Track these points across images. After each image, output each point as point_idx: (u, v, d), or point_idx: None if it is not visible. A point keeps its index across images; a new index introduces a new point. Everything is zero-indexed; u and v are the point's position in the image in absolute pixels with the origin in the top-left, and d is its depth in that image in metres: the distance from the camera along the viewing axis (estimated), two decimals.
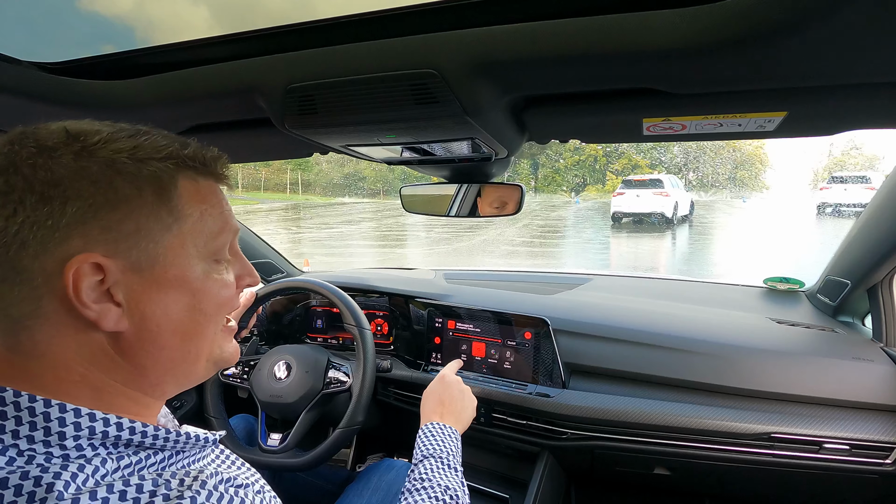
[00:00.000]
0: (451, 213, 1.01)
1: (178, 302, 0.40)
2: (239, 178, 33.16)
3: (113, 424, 0.36)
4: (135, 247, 0.37)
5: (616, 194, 14.50)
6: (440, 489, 0.71)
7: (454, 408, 0.91)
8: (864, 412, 0.97)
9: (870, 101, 0.52)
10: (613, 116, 0.61)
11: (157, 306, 0.39)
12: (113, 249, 0.37)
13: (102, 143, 0.37)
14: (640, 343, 1.13)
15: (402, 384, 1.31)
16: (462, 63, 0.48)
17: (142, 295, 0.38)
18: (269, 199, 29.52)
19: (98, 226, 0.36)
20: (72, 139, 0.36)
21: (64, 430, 0.34)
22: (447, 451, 0.78)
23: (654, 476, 1.16)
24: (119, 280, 0.37)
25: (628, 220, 13.85)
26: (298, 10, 23.11)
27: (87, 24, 41.95)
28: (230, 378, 1.18)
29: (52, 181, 0.35)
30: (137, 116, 0.68)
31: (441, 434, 0.82)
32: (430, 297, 1.37)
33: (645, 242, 11.07)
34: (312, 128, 0.61)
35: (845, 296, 1.14)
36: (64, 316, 0.36)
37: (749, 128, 0.61)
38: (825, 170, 32.36)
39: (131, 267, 0.38)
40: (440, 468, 0.75)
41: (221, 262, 0.45)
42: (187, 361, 0.43)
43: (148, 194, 0.38)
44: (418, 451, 0.79)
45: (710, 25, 0.40)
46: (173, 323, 0.40)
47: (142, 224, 0.38)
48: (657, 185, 13.68)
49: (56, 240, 0.35)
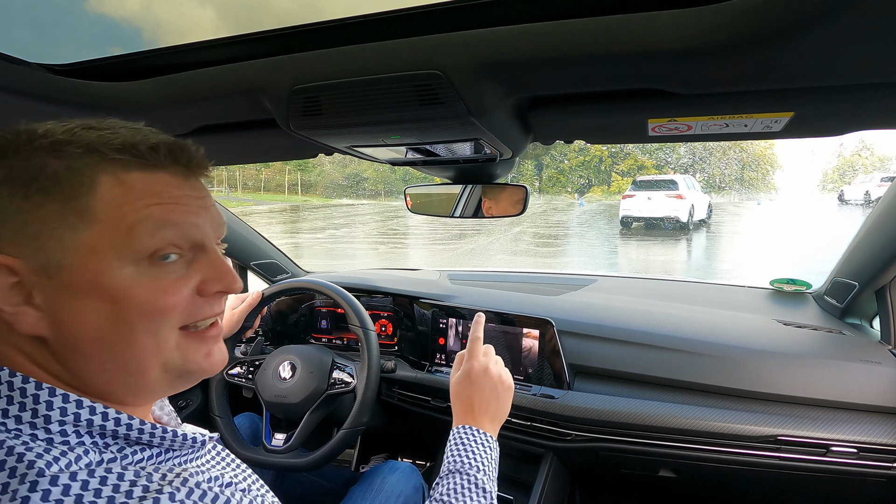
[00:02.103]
0: (455, 213, 1.01)
1: (95, 311, 0.37)
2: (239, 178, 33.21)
3: (99, 413, 0.36)
4: (41, 249, 0.35)
5: (625, 196, 13.11)
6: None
7: (488, 407, 0.77)
8: (872, 415, 0.96)
9: (877, 102, 0.51)
10: (618, 117, 0.61)
11: (71, 314, 0.36)
12: (21, 251, 0.35)
13: (27, 141, 0.35)
14: (646, 344, 1.13)
15: (406, 385, 1.31)
16: (466, 64, 0.49)
17: (56, 301, 0.36)
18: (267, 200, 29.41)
19: (6, 227, 0.35)
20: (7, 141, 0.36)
21: (50, 413, 0.34)
22: (477, 464, 0.69)
23: (660, 478, 1.15)
24: (35, 283, 0.35)
25: (639, 224, 12.57)
26: (304, 12, 23.13)
27: (95, 26, 41.90)
28: (235, 378, 1.19)
29: None
30: (145, 117, 0.68)
31: (473, 442, 0.72)
32: (435, 297, 1.37)
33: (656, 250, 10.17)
34: (317, 129, 0.62)
35: (853, 297, 1.13)
36: None
37: (755, 128, 0.60)
38: (835, 171, 32.00)
39: (41, 270, 0.35)
40: (466, 488, 0.66)
41: (167, 263, 0.39)
42: (129, 374, 0.39)
43: (55, 194, 0.36)
44: (446, 463, 0.70)
45: (716, 25, 0.40)
46: (91, 333, 0.37)
47: (47, 224, 0.35)
48: (671, 186, 12.36)
49: None
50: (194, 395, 1.50)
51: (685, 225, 12.00)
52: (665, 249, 10.41)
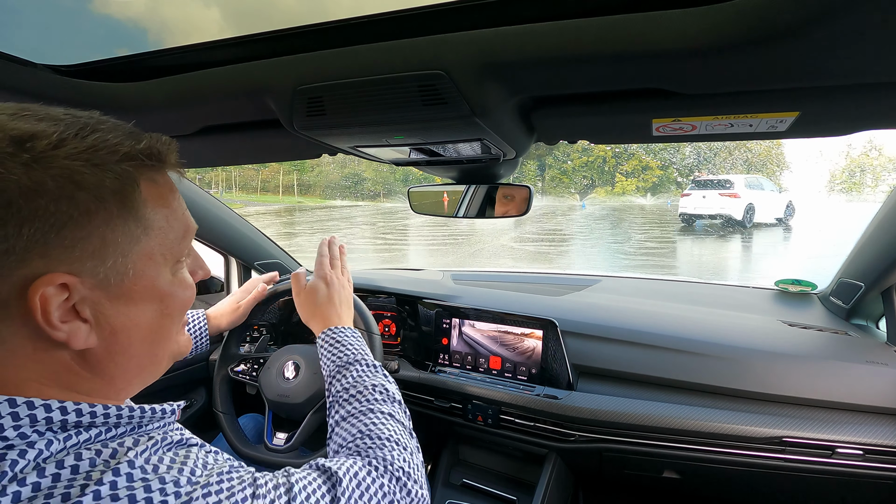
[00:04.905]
0: (458, 213, 1.01)
1: (147, 311, 0.39)
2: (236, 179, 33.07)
3: (56, 409, 0.34)
4: (101, 264, 0.35)
5: (683, 195, 13.89)
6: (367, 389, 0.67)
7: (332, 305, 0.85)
8: (877, 416, 0.95)
9: (884, 101, 0.51)
10: (622, 117, 0.60)
11: (127, 318, 0.38)
12: (78, 268, 0.34)
13: (52, 147, 0.33)
14: (649, 345, 1.12)
15: (409, 385, 1.31)
16: (470, 64, 0.49)
17: (111, 310, 0.37)
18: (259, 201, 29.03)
19: (60, 245, 0.33)
20: (17, 146, 0.32)
21: (1, 421, 0.32)
22: (353, 352, 0.74)
23: (664, 479, 1.15)
24: (86, 297, 0.35)
25: (698, 221, 13.10)
26: (307, 12, 23.01)
27: (100, 27, 42.00)
28: (239, 375, 1.19)
29: (3, 202, 0.31)
30: (150, 118, 0.69)
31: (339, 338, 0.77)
32: (438, 297, 1.37)
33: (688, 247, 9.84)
34: (321, 129, 0.62)
35: (859, 298, 1.12)
36: (23, 339, 0.34)
37: (760, 128, 0.60)
38: (843, 171, 31.66)
39: (99, 284, 0.35)
40: (360, 373, 0.70)
41: (182, 262, 0.44)
42: (154, 363, 0.43)
43: (111, 205, 0.35)
44: (332, 361, 0.73)
45: (720, 25, 0.40)
46: (143, 331, 0.40)
47: (108, 238, 0.35)
48: (725, 185, 12.87)
49: (12, 263, 0.32)
50: (199, 394, 1.51)
51: (740, 223, 12.26)
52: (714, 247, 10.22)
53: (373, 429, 0.60)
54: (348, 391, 0.67)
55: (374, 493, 0.50)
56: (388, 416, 0.63)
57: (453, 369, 1.31)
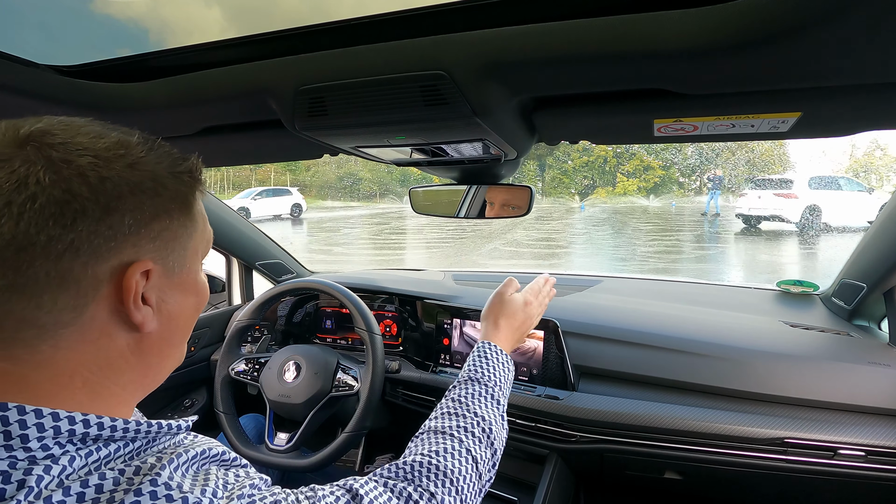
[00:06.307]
0: (460, 214, 1.02)
1: (190, 302, 0.44)
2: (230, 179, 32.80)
3: (80, 422, 0.35)
4: (171, 254, 0.40)
5: (740, 195, 13.03)
6: (475, 417, 0.64)
7: (511, 324, 0.82)
8: (880, 418, 0.95)
9: (887, 101, 0.51)
10: (624, 117, 0.60)
11: (178, 306, 0.42)
12: (157, 256, 0.39)
13: (144, 154, 0.38)
14: (651, 346, 1.12)
15: (411, 385, 1.31)
16: (471, 64, 0.49)
17: (169, 297, 0.41)
18: None
19: (147, 235, 0.38)
20: (124, 148, 0.37)
21: (26, 432, 0.33)
22: (496, 379, 0.72)
23: (665, 480, 1.14)
24: (155, 283, 0.39)
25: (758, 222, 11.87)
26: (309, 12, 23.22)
27: (102, 27, 41.68)
28: (241, 375, 1.19)
29: (117, 194, 0.35)
30: (152, 118, 0.69)
31: (495, 359, 0.75)
32: (439, 298, 1.37)
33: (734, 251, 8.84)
34: (322, 129, 0.62)
35: (861, 299, 1.12)
36: (99, 322, 0.37)
37: (762, 128, 0.60)
38: (846, 171, 31.50)
39: (165, 272, 0.40)
40: (482, 396, 0.68)
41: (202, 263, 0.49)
42: (177, 356, 0.46)
43: (180, 206, 0.41)
44: (465, 371, 0.73)
45: (722, 25, 0.39)
46: (185, 321, 0.44)
47: (178, 232, 0.41)
48: (783, 185, 11.63)
49: (112, 248, 0.36)
50: (200, 394, 1.51)
51: (798, 225, 11.05)
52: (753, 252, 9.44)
53: (443, 460, 0.57)
54: (457, 406, 0.66)
55: None
56: (472, 458, 0.60)
57: (454, 370, 1.31)
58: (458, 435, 0.61)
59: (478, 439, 0.62)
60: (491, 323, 0.82)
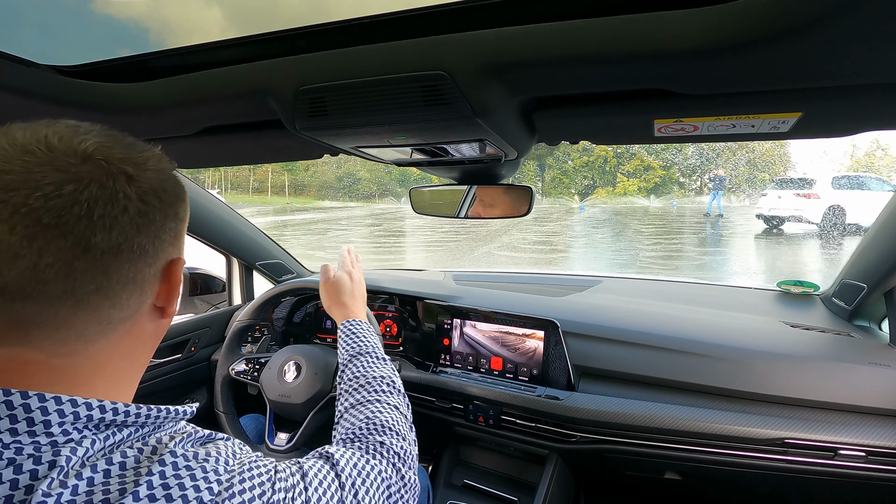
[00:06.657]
0: (460, 214, 1.02)
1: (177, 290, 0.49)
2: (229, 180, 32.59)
3: (96, 408, 0.37)
4: (182, 247, 0.46)
5: (761, 195, 12.73)
6: (377, 380, 0.73)
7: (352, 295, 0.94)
8: (880, 418, 0.95)
9: (887, 102, 0.51)
10: (624, 118, 0.60)
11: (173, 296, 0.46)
12: (181, 249, 0.46)
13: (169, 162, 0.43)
14: (651, 346, 1.12)
15: (411, 385, 1.31)
16: (472, 65, 0.49)
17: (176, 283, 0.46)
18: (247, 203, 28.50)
19: (180, 235, 0.45)
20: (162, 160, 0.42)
21: (48, 418, 0.35)
22: (371, 344, 0.81)
23: (665, 481, 1.14)
24: None
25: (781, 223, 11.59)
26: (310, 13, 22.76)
27: (102, 28, 41.71)
28: (241, 375, 1.19)
29: (170, 201, 0.41)
30: (152, 118, 0.69)
31: (359, 330, 0.84)
32: (440, 298, 1.37)
33: None
34: (323, 129, 0.62)
35: (861, 300, 1.12)
36: (144, 314, 0.42)
37: (762, 129, 0.60)
38: (848, 171, 31.38)
39: (179, 262, 0.45)
40: (371, 363, 0.77)
41: None
42: None
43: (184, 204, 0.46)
44: (347, 350, 0.81)
45: (722, 25, 0.39)
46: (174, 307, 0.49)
47: (184, 229, 0.46)
48: (804, 184, 11.23)
49: (165, 249, 0.42)
50: (200, 394, 1.51)
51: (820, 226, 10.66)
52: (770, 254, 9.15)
53: (376, 418, 0.65)
54: (357, 380, 0.74)
55: (374, 478, 0.55)
56: (394, 407, 0.69)
57: (454, 370, 1.31)
58: (375, 397, 0.70)
59: (389, 393, 0.72)
60: (336, 306, 0.92)
